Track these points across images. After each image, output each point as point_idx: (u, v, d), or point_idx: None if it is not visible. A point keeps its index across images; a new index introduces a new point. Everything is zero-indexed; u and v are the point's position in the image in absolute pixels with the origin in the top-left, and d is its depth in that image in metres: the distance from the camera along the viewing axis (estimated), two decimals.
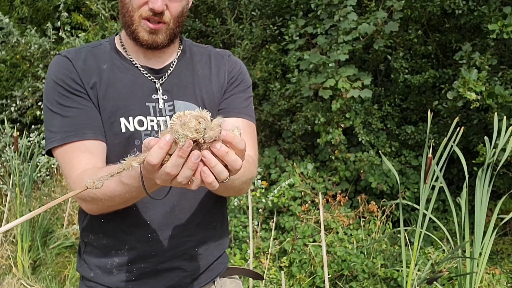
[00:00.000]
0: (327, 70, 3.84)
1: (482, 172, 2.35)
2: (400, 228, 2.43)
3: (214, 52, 1.34)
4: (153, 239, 1.22)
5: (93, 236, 1.26)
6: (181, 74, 1.25)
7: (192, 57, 1.30)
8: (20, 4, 5.91)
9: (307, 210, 3.76)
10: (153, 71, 1.22)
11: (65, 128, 1.12)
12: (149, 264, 1.23)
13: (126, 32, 1.20)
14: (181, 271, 1.26)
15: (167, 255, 1.23)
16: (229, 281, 1.39)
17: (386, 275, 3.13)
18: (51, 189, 4.68)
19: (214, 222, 1.32)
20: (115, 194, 0.99)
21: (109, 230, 1.23)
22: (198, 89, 1.25)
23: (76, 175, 1.08)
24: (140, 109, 1.18)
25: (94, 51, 1.22)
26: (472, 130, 4.08)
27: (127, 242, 1.22)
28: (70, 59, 1.18)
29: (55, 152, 1.14)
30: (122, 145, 1.15)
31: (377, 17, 3.90)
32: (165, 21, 1.15)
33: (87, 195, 1.04)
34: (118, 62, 1.21)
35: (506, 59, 4.15)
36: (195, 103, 1.23)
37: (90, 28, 5.35)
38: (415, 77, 4.20)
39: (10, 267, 3.53)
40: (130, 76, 1.20)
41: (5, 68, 5.69)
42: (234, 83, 1.30)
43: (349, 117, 4.02)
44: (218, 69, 1.30)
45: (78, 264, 1.31)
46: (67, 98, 1.14)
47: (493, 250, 3.62)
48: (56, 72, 1.16)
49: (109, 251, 1.24)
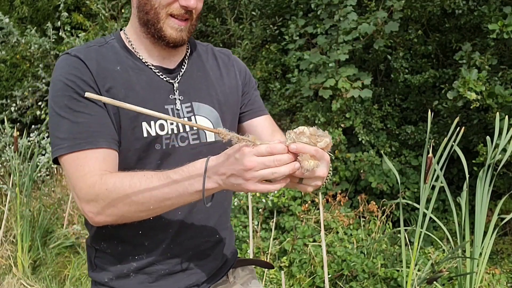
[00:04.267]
0: (327, 70, 3.83)
1: (483, 172, 2.35)
2: (400, 228, 2.43)
3: (217, 51, 1.33)
4: (172, 241, 1.19)
5: (106, 243, 1.21)
6: (193, 74, 1.23)
7: (199, 57, 1.28)
8: (20, 4, 5.92)
9: (307, 210, 3.76)
10: (167, 71, 1.19)
11: (74, 135, 1.05)
12: (168, 265, 1.21)
13: (147, 30, 1.14)
14: (199, 271, 1.25)
15: (186, 256, 1.22)
16: (240, 269, 1.40)
17: (386, 275, 3.13)
18: (51, 189, 4.68)
19: (227, 222, 1.33)
20: (165, 197, 0.98)
21: (125, 235, 1.18)
22: (213, 91, 1.23)
23: (93, 181, 1.02)
24: (161, 112, 1.13)
25: (103, 51, 1.16)
26: (472, 130, 4.08)
27: (145, 246, 1.18)
28: (83, 60, 1.10)
29: (62, 159, 1.07)
30: (143, 150, 1.12)
31: (377, 17, 3.90)
32: (191, 18, 1.14)
33: (121, 198, 0.99)
34: (131, 62, 1.16)
35: (506, 59, 4.15)
36: (211, 105, 1.21)
37: (90, 28, 5.35)
38: (415, 77, 4.20)
39: (10, 267, 3.52)
40: (145, 77, 1.16)
41: (5, 68, 5.69)
42: (248, 84, 1.33)
43: (349, 117, 4.02)
44: (227, 69, 1.30)
45: (90, 269, 1.26)
46: (78, 102, 1.07)
47: (493, 250, 3.61)
48: (67, 73, 1.09)
49: (125, 257, 1.20)
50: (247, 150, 0.89)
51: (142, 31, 1.16)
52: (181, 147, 1.15)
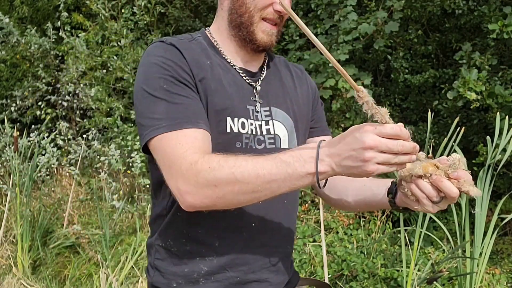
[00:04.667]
0: (327, 70, 3.84)
1: (483, 172, 2.35)
2: (400, 228, 2.43)
3: (290, 64, 1.35)
4: (246, 245, 1.14)
5: (173, 241, 1.15)
6: (271, 80, 1.23)
7: (275, 65, 1.29)
8: (20, 4, 5.91)
9: (307, 210, 3.76)
10: (250, 74, 1.20)
11: (173, 115, 1.01)
12: (240, 273, 1.14)
13: (238, 33, 1.16)
14: (267, 284, 1.18)
15: (257, 264, 1.16)
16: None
17: (386, 275, 3.13)
18: (51, 189, 4.68)
19: (293, 235, 1.28)
20: (273, 179, 0.92)
21: (197, 234, 1.12)
22: (288, 100, 1.23)
23: (195, 159, 0.96)
24: (243, 111, 1.13)
25: (192, 45, 1.15)
26: (472, 130, 4.08)
27: (218, 248, 1.12)
28: (179, 49, 1.10)
29: (158, 139, 1.01)
30: (224, 145, 1.08)
31: (377, 17, 3.90)
32: (280, 23, 1.16)
33: (226, 176, 0.93)
34: (218, 60, 1.16)
35: (506, 59, 4.15)
36: (287, 113, 1.21)
37: (90, 28, 5.35)
38: (415, 77, 4.20)
39: (10, 267, 3.53)
40: (231, 76, 1.16)
41: (5, 68, 5.69)
42: (317, 101, 1.34)
43: (349, 117, 4.02)
44: (301, 83, 1.31)
45: (150, 273, 1.19)
46: (175, 85, 1.05)
47: (493, 250, 3.61)
48: (163, 57, 1.07)
49: (194, 258, 1.13)
50: (370, 128, 0.86)
51: (231, 33, 1.17)
52: (257, 149, 1.13)
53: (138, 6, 5.17)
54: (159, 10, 5.27)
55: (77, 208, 4.35)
